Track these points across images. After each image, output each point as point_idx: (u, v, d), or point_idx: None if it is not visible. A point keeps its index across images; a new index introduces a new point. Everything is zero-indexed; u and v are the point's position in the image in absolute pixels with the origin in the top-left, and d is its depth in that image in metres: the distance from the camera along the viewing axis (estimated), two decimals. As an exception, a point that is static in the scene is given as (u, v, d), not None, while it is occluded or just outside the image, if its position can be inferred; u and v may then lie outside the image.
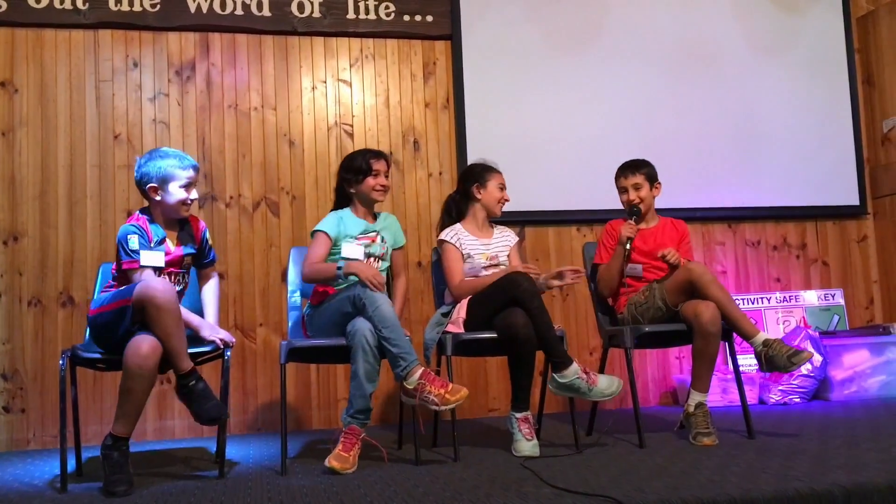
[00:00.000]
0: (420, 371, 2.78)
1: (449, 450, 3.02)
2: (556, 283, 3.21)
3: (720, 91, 4.86)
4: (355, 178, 3.20)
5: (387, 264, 3.28)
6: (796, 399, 4.28)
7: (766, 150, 4.88)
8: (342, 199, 3.30)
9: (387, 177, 3.25)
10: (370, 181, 3.20)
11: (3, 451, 3.86)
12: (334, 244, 3.15)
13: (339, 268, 2.97)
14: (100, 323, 2.80)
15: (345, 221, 3.19)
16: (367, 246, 3.18)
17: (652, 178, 3.50)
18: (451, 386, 2.76)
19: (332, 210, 3.31)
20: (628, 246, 3.36)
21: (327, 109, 4.44)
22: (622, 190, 3.52)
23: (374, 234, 3.23)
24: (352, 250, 3.13)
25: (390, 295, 3.17)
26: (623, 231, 3.38)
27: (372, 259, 3.20)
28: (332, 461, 2.77)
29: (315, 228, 3.17)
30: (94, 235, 4.09)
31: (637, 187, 3.47)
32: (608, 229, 3.52)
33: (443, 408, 2.74)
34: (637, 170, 3.48)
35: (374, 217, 3.30)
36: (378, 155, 3.25)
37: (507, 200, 3.44)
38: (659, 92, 4.77)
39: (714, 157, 4.80)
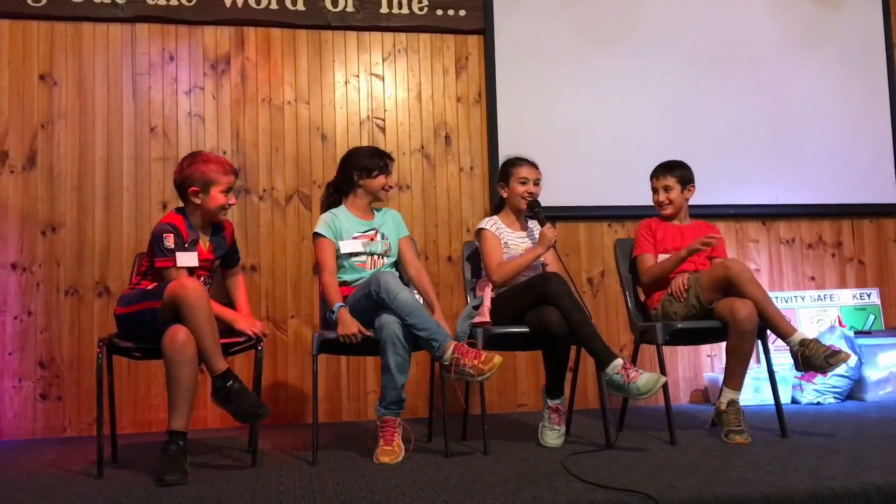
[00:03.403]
0: (452, 346, 2.81)
1: (479, 443, 3.03)
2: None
3: (754, 87, 4.80)
4: (369, 172, 3.23)
5: (393, 259, 3.29)
6: (830, 399, 4.23)
7: (801, 147, 4.82)
8: (337, 195, 3.32)
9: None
10: (382, 179, 3.25)
11: (39, 438, 3.94)
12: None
13: (332, 311, 3.00)
14: (129, 323, 2.84)
15: (339, 219, 3.22)
16: (366, 244, 3.20)
17: (685, 181, 3.52)
18: (484, 356, 2.77)
19: (321, 205, 3.35)
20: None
21: (360, 104, 4.46)
22: (653, 190, 3.57)
23: (372, 232, 3.24)
24: (350, 246, 3.18)
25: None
26: (549, 235, 3.24)
27: (375, 257, 3.22)
28: (379, 457, 2.81)
29: (314, 231, 3.21)
30: (130, 227, 4.15)
31: (667, 189, 3.51)
32: (644, 224, 3.54)
33: (478, 378, 2.75)
34: (670, 171, 3.52)
35: (373, 214, 3.32)
36: (392, 158, 3.32)
37: (530, 193, 3.36)
38: (692, 87, 4.73)
39: (748, 154, 4.74)
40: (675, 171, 3.52)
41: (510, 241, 3.35)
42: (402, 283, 2.99)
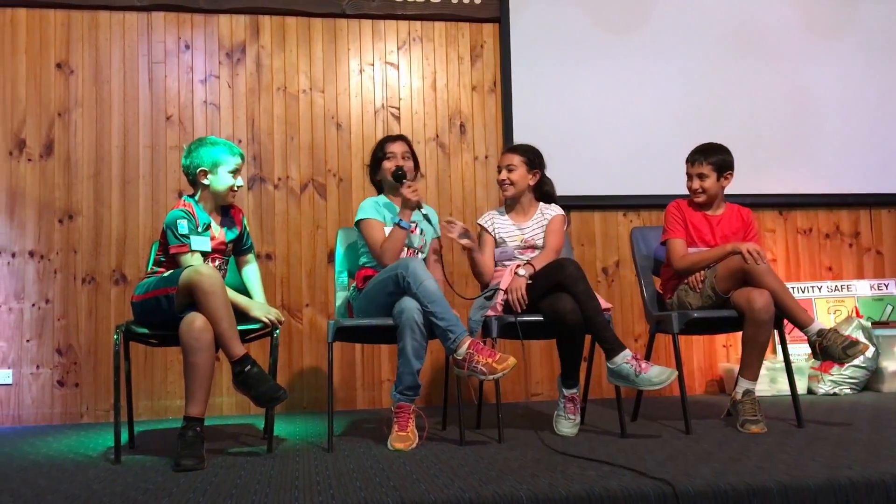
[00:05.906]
0: (468, 342, 2.81)
1: (493, 431, 3.03)
2: (465, 242, 3.21)
3: (772, 75, 4.75)
4: (375, 165, 3.34)
5: (424, 255, 3.32)
6: (847, 390, 4.20)
7: (819, 136, 4.78)
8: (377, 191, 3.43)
9: (406, 158, 3.30)
10: (385, 164, 3.29)
11: (57, 424, 3.98)
12: None
13: (399, 223, 3.08)
14: (145, 309, 2.85)
15: (381, 205, 3.28)
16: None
17: (722, 168, 3.35)
18: (498, 355, 2.77)
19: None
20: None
21: (374, 92, 4.46)
22: (687, 176, 3.41)
23: (413, 224, 3.26)
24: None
25: None
26: (406, 193, 3.12)
27: (410, 250, 3.24)
28: (394, 443, 2.82)
29: (359, 218, 3.23)
30: (146, 215, 4.17)
31: (702, 177, 3.35)
32: (674, 206, 3.42)
33: (490, 377, 2.74)
34: (706, 158, 3.35)
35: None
36: (394, 138, 3.35)
37: (501, 181, 3.36)
38: (709, 75, 4.69)
39: (765, 143, 4.71)
40: (711, 158, 3.33)
41: (507, 235, 3.36)
42: None
